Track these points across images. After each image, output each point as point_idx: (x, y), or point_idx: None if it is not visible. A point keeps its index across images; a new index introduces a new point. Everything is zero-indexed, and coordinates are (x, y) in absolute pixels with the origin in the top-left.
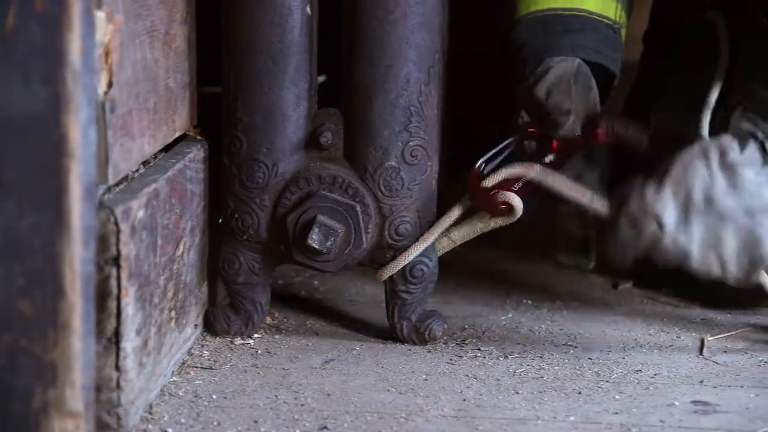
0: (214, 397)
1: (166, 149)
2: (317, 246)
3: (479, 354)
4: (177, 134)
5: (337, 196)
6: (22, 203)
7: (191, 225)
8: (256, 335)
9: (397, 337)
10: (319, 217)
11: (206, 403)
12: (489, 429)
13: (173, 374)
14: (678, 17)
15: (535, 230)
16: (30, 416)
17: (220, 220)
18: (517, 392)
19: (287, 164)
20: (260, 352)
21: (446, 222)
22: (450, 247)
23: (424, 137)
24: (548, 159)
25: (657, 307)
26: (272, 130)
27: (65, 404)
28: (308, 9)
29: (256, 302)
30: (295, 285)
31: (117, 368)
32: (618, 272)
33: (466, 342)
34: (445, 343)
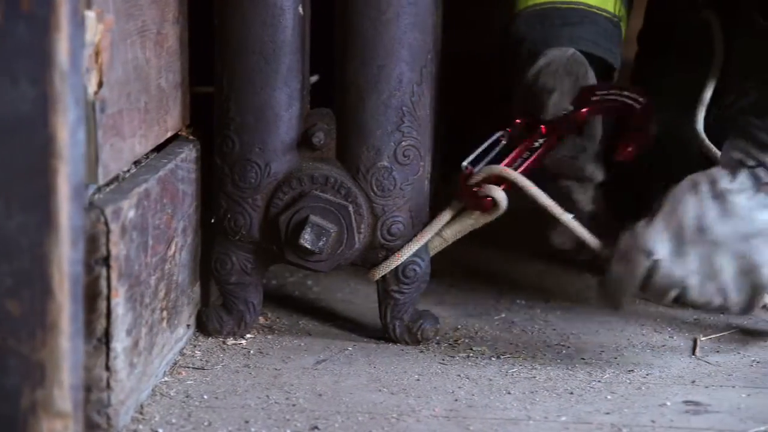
0: (206, 398)
1: (158, 149)
2: (309, 246)
3: (471, 354)
4: (169, 134)
5: (330, 196)
6: (10, 203)
7: (183, 225)
8: (249, 335)
9: (390, 338)
10: (312, 217)
11: (197, 404)
12: (480, 429)
13: (165, 374)
14: (672, 17)
15: (530, 230)
16: (18, 416)
17: (213, 220)
18: (509, 392)
19: (280, 164)
20: (252, 353)
21: (438, 223)
22: (442, 246)
23: (417, 137)
24: (537, 144)
25: (650, 308)
26: (264, 130)
27: (53, 404)
28: (300, 9)
29: (249, 302)
30: (289, 285)
31: (107, 368)
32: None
33: (459, 342)
34: (438, 343)
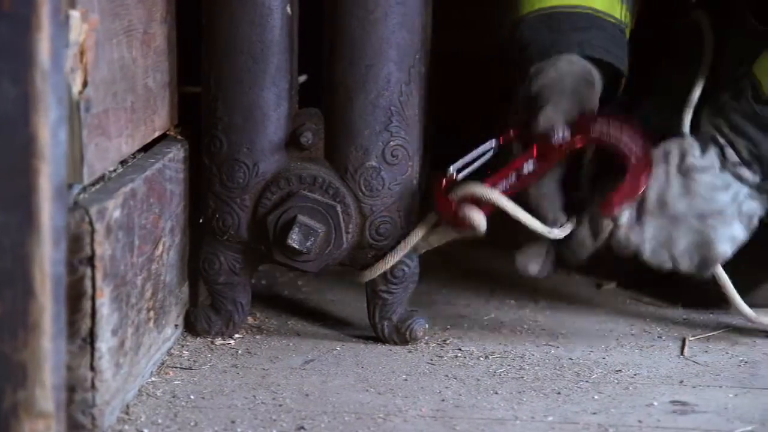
0: (192, 398)
1: (146, 149)
2: (297, 246)
3: (460, 354)
4: (156, 134)
5: (318, 196)
6: None
7: (171, 225)
8: (237, 335)
9: (379, 338)
10: (300, 217)
11: (184, 404)
12: (467, 429)
13: (152, 374)
14: (665, 17)
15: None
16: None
17: (201, 220)
18: (497, 392)
19: (268, 164)
20: (240, 353)
21: (423, 229)
22: (425, 249)
23: (405, 137)
24: (527, 168)
25: (640, 308)
26: (252, 130)
27: (35, 405)
28: (288, 9)
29: (237, 302)
30: (279, 285)
31: (92, 368)
32: (602, 272)
33: (448, 342)
34: (427, 343)
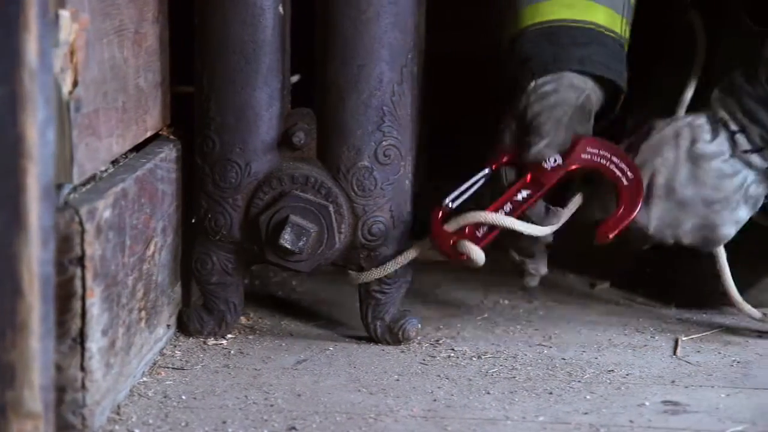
0: (184, 398)
1: (138, 149)
2: (289, 246)
3: (453, 354)
4: (149, 134)
5: (310, 196)
6: None
7: (163, 225)
8: (230, 335)
9: (371, 338)
10: (292, 217)
11: (175, 404)
12: (458, 429)
13: (144, 375)
14: (659, 19)
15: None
16: None
17: (193, 220)
18: (488, 392)
19: (260, 164)
20: (233, 353)
21: (420, 248)
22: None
23: (398, 137)
24: (521, 196)
25: (633, 308)
26: (245, 130)
27: (23, 405)
28: (281, 8)
29: (230, 302)
30: (272, 285)
31: (82, 369)
32: (595, 272)
33: (440, 342)
34: (419, 343)
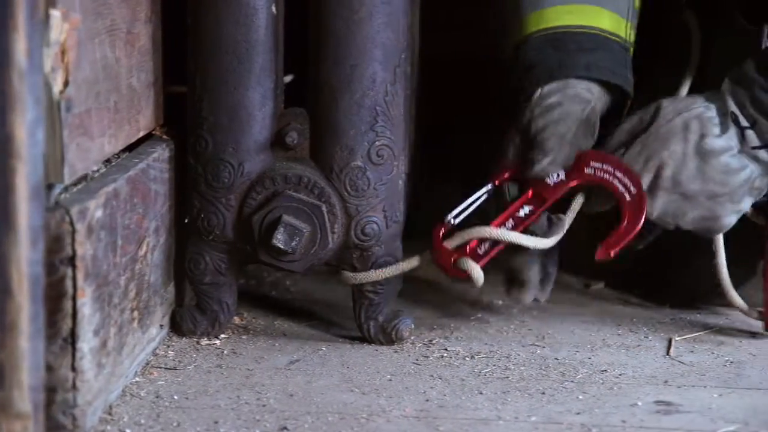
0: (176, 398)
1: (131, 149)
2: (282, 246)
3: (446, 354)
4: (141, 134)
5: (303, 196)
6: None
7: (155, 225)
8: (223, 335)
9: (365, 338)
10: (285, 217)
11: (167, 404)
12: (450, 429)
13: (136, 375)
14: (655, 19)
15: None
16: None
17: (186, 220)
18: (481, 392)
19: (253, 164)
20: (226, 353)
21: (419, 260)
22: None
23: (391, 137)
24: (523, 212)
25: (627, 308)
26: (238, 130)
27: (13, 406)
28: (273, 8)
29: (223, 302)
30: (266, 285)
31: (73, 369)
32: (590, 273)
33: (434, 342)
34: (412, 344)
